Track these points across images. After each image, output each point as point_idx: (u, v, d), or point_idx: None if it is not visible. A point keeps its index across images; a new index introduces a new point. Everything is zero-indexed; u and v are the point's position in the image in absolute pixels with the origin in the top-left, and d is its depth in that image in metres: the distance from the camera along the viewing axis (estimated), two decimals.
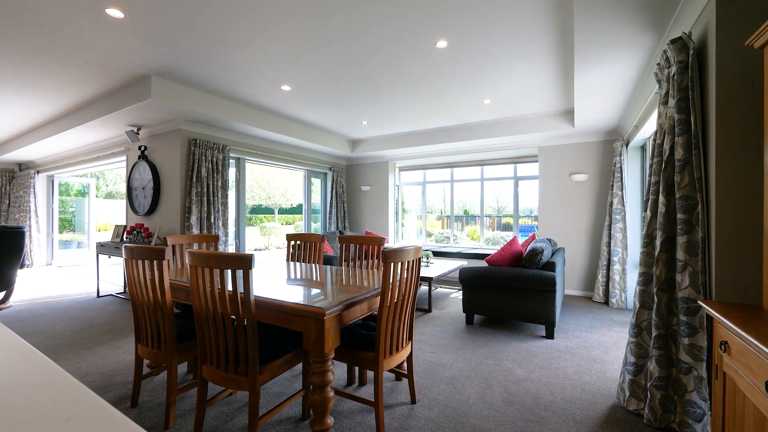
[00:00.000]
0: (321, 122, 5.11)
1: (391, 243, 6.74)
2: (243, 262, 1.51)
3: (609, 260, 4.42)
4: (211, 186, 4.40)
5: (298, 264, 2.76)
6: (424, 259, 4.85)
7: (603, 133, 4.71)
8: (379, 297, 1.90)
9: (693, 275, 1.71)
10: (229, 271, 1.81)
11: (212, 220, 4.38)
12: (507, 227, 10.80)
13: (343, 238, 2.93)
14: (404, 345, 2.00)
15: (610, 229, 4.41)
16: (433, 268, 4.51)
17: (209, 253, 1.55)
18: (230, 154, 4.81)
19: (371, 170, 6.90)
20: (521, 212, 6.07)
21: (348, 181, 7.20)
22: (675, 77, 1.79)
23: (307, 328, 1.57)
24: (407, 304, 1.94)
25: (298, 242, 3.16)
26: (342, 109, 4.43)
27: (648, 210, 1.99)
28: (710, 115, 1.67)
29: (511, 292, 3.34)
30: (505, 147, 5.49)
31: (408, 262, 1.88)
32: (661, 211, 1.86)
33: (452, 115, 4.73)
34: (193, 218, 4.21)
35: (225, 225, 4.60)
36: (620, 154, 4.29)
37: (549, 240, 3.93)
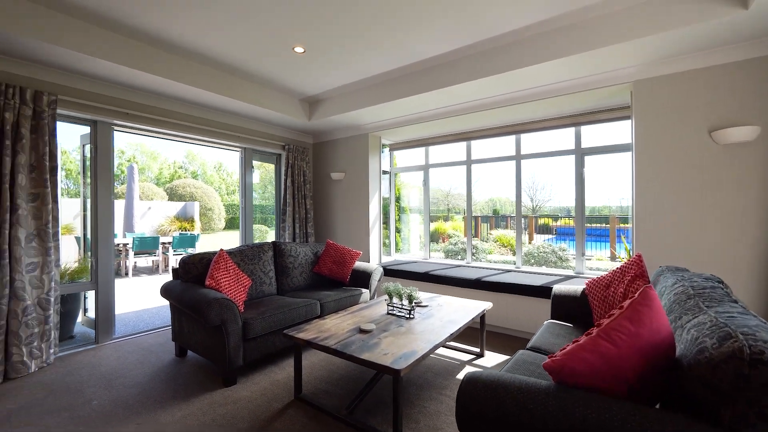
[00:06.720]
0: (227, 53, 2.89)
1: (373, 260, 4.39)
2: None
3: None
4: None
5: None
6: (400, 305, 2.41)
7: None
8: None
9: None
10: None
11: None
12: (545, 230, 7.85)
13: None
14: None
15: None
16: (411, 335, 2.12)
17: None
18: (60, 111, 2.69)
19: (344, 149, 4.60)
20: (558, 210, 3.50)
21: (315, 168, 4.94)
22: None
23: None
24: None
25: None
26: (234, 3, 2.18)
27: None
28: None
29: None
30: (565, 89, 2.99)
31: None
32: None
33: (463, 18, 2.34)
34: None
35: (53, 238, 2.48)
36: None
37: (719, 281, 1.44)
